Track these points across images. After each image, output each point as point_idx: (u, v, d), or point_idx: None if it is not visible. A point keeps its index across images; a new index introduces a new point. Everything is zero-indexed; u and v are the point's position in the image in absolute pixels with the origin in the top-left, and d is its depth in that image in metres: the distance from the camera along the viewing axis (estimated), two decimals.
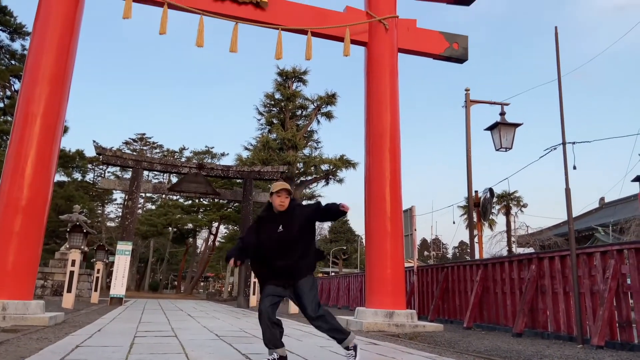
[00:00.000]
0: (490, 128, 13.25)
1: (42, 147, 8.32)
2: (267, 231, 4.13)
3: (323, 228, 70.77)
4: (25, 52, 24.31)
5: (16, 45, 26.00)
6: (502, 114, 13.22)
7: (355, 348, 4.16)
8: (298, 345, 5.78)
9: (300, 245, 4.12)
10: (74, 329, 7.08)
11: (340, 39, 10.44)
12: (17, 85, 24.47)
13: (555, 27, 8.03)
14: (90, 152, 36.81)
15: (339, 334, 4.12)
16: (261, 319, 4.04)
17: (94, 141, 20.63)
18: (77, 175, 38.03)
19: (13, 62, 25.09)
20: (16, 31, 25.25)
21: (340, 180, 28.48)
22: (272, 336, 4.03)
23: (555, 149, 8.10)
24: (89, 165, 42.55)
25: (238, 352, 4.95)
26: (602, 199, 28.37)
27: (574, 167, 7.69)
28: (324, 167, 28.10)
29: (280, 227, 4.09)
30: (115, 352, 4.65)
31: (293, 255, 4.07)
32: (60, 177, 32.61)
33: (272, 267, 4.09)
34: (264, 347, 5.19)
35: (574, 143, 7.65)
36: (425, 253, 64.33)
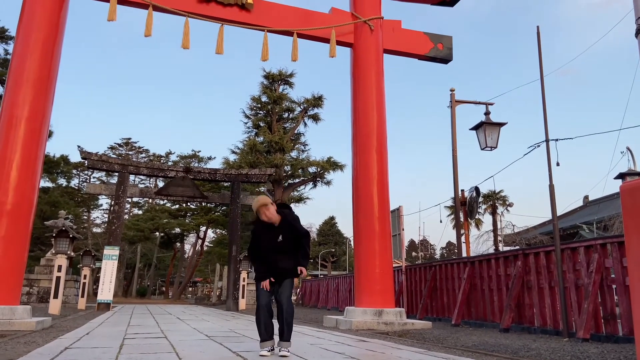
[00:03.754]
0: (476, 128, 13.41)
1: (27, 150, 8.25)
2: (267, 239, 4.74)
3: (312, 231, 70.87)
4: (9, 56, 24.03)
5: None
6: (487, 113, 13.39)
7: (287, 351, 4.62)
8: None
9: (291, 250, 4.75)
10: (62, 333, 7.02)
11: (326, 40, 10.51)
12: (0, 90, 24.15)
13: (537, 27, 8.19)
14: (74, 158, 36.49)
15: (288, 334, 4.61)
16: (260, 312, 4.60)
17: (79, 146, 20.50)
18: (62, 181, 37.67)
19: None
20: None
21: (328, 183, 28.54)
22: (270, 327, 4.62)
23: (538, 146, 8.25)
24: (74, 171, 42.11)
25: (229, 350, 4.96)
26: (586, 197, 28.79)
27: (557, 164, 7.84)
28: (312, 169, 28.12)
29: (280, 237, 4.71)
30: (104, 352, 4.64)
31: (287, 258, 4.72)
32: (44, 183, 32.30)
33: (273, 268, 4.69)
34: (254, 345, 5.22)
35: (557, 140, 7.80)
36: (414, 254, 64.59)
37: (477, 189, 13.53)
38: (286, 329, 4.58)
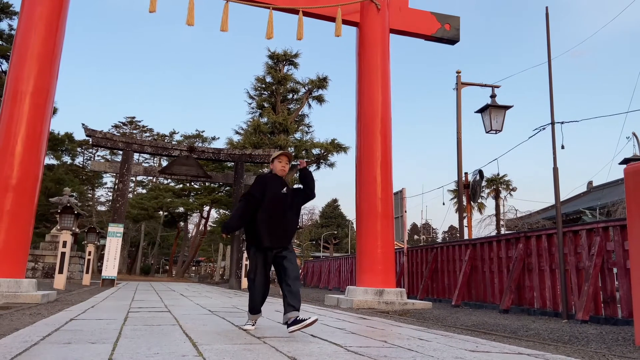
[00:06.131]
0: (481, 110, 13.34)
1: (32, 125, 8.28)
2: (273, 189, 4.50)
3: (314, 213, 71.06)
4: (13, 32, 23.89)
5: (3, 25, 25.62)
6: (493, 96, 13.30)
7: (295, 321, 4.15)
8: None
9: (294, 211, 4.60)
10: (67, 306, 7.13)
11: (332, 19, 10.40)
12: (4, 66, 24.08)
13: (546, 8, 8.08)
14: (79, 136, 36.63)
15: (297, 303, 4.24)
16: (255, 290, 4.49)
17: (83, 124, 20.47)
18: (67, 159, 37.76)
19: (0, 42, 24.67)
20: (3, 11, 24.80)
21: (332, 165, 28.52)
22: (260, 304, 4.54)
23: (544, 129, 8.21)
24: (79, 149, 42.23)
25: (231, 324, 5.03)
26: (590, 182, 28.69)
27: (562, 147, 7.80)
28: (315, 151, 28.09)
29: (284, 189, 4.53)
30: (109, 324, 4.72)
31: (289, 218, 4.52)
32: (49, 160, 32.37)
33: (273, 228, 4.38)
34: (258, 320, 5.26)
35: (562, 123, 7.75)
36: (416, 237, 64.82)
37: (480, 172, 13.51)
38: (294, 303, 4.23)
